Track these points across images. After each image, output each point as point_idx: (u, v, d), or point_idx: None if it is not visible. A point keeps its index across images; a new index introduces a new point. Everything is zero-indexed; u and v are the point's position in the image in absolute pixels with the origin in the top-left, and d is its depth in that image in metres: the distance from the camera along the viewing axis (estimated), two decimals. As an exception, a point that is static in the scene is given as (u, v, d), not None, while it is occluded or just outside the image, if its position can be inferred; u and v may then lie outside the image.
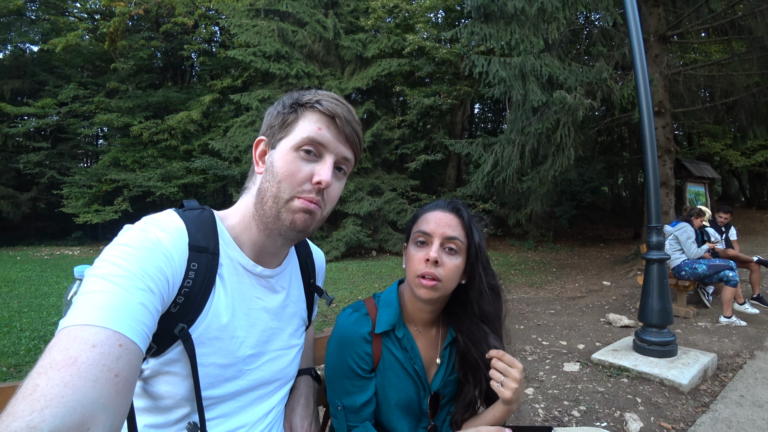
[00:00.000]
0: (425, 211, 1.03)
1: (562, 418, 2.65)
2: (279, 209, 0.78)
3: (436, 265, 0.94)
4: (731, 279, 4.66)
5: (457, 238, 0.97)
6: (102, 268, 0.61)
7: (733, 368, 3.41)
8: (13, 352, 4.14)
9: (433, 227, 0.97)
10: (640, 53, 3.61)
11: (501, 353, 0.93)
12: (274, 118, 0.83)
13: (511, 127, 8.88)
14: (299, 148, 0.79)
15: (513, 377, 0.90)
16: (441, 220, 0.98)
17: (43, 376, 0.48)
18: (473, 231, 0.99)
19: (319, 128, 0.80)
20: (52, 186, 16.20)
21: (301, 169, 0.78)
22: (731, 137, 15.46)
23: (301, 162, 0.79)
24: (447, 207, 1.02)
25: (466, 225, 0.99)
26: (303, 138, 0.79)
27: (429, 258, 0.94)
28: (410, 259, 0.98)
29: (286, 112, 0.82)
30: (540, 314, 5.46)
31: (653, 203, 3.55)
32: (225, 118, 15.55)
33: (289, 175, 0.78)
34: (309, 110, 0.81)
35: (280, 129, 0.81)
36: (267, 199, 0.79)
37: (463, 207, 1.02)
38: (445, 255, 0.96)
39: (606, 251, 12.14)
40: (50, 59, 16.84)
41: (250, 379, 0.82)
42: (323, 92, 0.83)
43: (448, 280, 0.95)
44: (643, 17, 8.05)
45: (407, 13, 14.94)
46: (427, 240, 0.97)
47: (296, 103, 0.82)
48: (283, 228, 0.80)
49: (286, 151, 0.79)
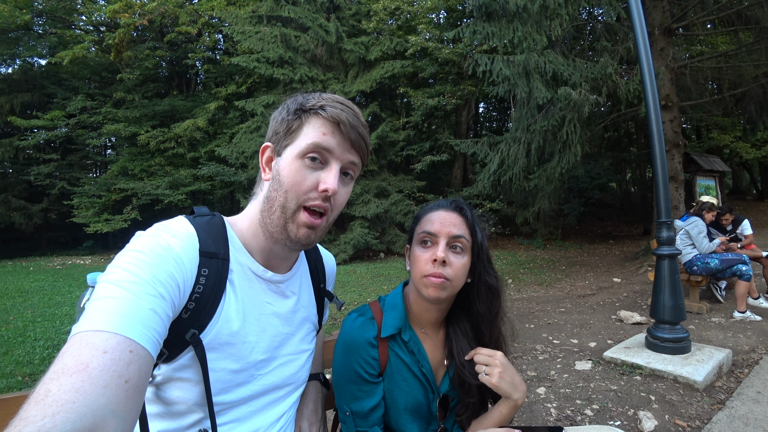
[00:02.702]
0: (428, 211, 1.02)
1: (575, 418, 2.63)
2: (286, 220, 0.79)
3: (444, 265, 0.93)
4: (744, 273, 4.58)
5: (462, 236, 0.96)
6: (113, 274, 0.62)
7: (749, 364, 3.35)
8: (28, 361, 4.20)
9: (438, 227, 0.96)
10: (645, 47, 3.58)
11: (477, 349, 0.99)
12: (279, 124, 0.82)
13: (517, 126, 8.83)
14: (304, 156, 0.78)
15: (494, 363, 0.94)
16: (445, 219, 0.97)
17: (55, 381, 0.49)
18: (477, 229, 0.99)
19: (323, 134, 0.79)
20: (63, 197, 16.46)
21: (307, 178, 0.78)
22: (741, 129, 15.25)
23: (307, 170, 0.78)
24: (450, 206, 1.01)
25: (470, 223, 0.99)
26: (308, 145, 0.78)
27: (437, 258, 0.93)
28: (416, 261, 0.97)
29: (290, 119, 0.81)
30: (550, 313, 5.42)
31: (662, 198, 3.51)
32: (230, 125, 15.69)
33: (295, 184, 0.78)
34: (313, 116, 0.80)
35: (285, 136, 0.81)
36: (275, 208, 0.79)
37: (465, 205, 1.01)
38: (451, 254, 0.95)
39: (615, 248, 12.02)
40: (58, 72, 17.15)
41: (261, 384, 0.83)
42: (327, 95, 0.82)
43: (457, 278, 0.95)
44: (647, 10, 7.98)
45: (409, 15, 14.96)
46: (433, 240, 0.96)
47: (300, 108, 0.81)
48: (288, 240, 0.80)
49: (292, 159, 0.79)
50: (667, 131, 8.00)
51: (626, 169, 19.83)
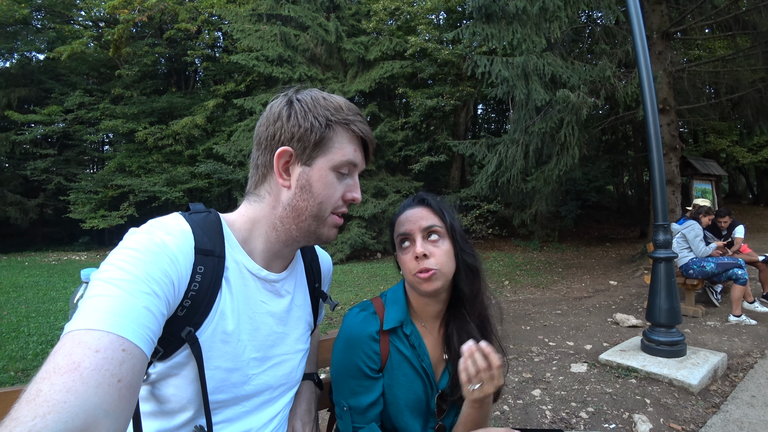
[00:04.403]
0: (397, 215, 1.05)
1: (570, 420, 2.63)
2: (318, 226, 0.84)
3: (426, 258, 0.95)
4: (740, 277, 4.61)
5: (433, 225, 0.98)
6: (107, 272, 0.62)
7: (744, 368, 3.37)
8: (21, 356, 4.17)
9: (408, 226, 0.99)
10: (644, 50, 3.59)
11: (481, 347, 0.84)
12: (306, 132, 0.79)
13: (515, 127, 8.85)
14: (337, 170, 0.83)
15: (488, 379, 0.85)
16: (413, 215, 1.00)
17: (47, 381, 0.48)
18: (445, 214, 1.01)
19: (354, 150, 0.85)
20: (59, 192, 16.38)
21: (338, 189, 0.84)
22: (737, 134, 15.30)
23: (338, 182, 0.84)
24: (414, 202, 1.04)
25: (437, 210, 1.01)
26: (342, 162, 0.83)
27: (417, 254, 0.95)
28: (403, 264, 1.00)
29: (323, 130, 0.80)
30: (546, 315, 5.43)
31: (659, 201, 3.52)
32: (229, 123, 15.65)
33: (330, 196, 0.83)
34: (342, 129, 0.83)
35: (316, 147, 0.80)
36: (305, 217, 0.82)
37: (428, 196, 1.04)
38: (430, 245, 0.97)
39: (612, 251, 12.05)
40: (56, 67, 17.06)
41: (255, 384, 0.82)
42: (344, 102, 0.85)
43: (444, 265, 0.96)
44: (645, 14, 8.00)
45: (409, 15, 14.95)
46: (410, 240, 0.99)
47: (331, 120, 0.81)
48: (318, 240, 0.88)
49: (326, 172, 0.82)
50: (665, 135, 8.03)
51: (623, 172, 19.89)
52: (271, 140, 0.81)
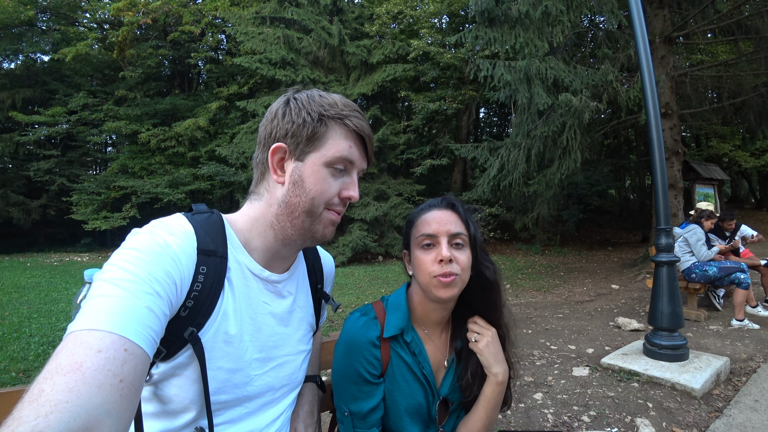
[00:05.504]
0: (421, 213, 1.02)
1: (572, 424, 2.62)
2: (312, 223, 0.82)
3: (451, 263, 0.93)
4: (743, 281, 4.58)
5: (461, 233, 0.97)
6: (110, 272, 0.62)
7: (747, 372, 3.35)
8: (23, 357, 4.18)
9: (435, 227, 0.96)
10: (646, 55, 3.59)
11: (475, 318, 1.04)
12: (297, 127, 0.80)
13: (517, 131, 8.85)
14: (331, 165, 0.81)
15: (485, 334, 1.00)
16: (441, 218, 0.97)
17: (49, 381, 0.48)
18: (470, 223, 1.00)
19: (350, 146, 0.82)
20: (62, 193, 16.45)
21: (332, 185, 0.82)
22: (740, 138, 15.29)
23: (332, 178, 0.82)
24: (442, 204, 1.01)
25: (464, 219, 1.00)
26: (336, 157, 0.81)
27: (443, 258, 0.93)
28: (420, 264, 0.97)
29: (315, 125, 0.79)
30: (548, 318, 5.41)
31: (662, 205, 3.51)
32: (231, 125, 15.71)
33: (322, 192, 0.81)
34: (337, 124, 0.81)
35: (308, 141, 0.80)
36: (298, 213, 0.81)
37: (456, 201, 1.02)
38: (455, 251, 0.95)
39: (614, 254, 12.03)
40: (60, 68, 17.17)
41: (257, 385, 0.82)
42: (340, 99, 0.83)
43: (464, 272, 0.95)
44: (648, 19, 8.01)
45: (411, 19, 15.01)
46: (434, 241, 0.96)
47: (324, 114, 0.80)
48: (313, 240, 0.85)
49: (318, 167, 0.80)
50: (667, 139, 8.02)
51: (625, 176, 19.86)
52: (267, 138, 0.83)
